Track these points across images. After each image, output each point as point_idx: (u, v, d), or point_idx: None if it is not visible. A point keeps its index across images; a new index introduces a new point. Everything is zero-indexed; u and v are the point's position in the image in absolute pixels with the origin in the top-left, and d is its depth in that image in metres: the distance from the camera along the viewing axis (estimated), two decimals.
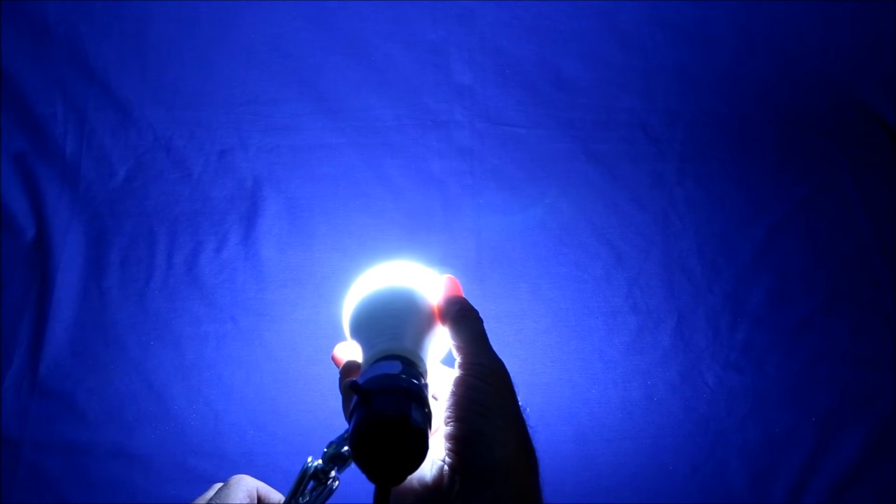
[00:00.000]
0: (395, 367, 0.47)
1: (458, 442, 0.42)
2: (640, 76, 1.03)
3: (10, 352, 0.84)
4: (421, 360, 0.52)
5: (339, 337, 0.85)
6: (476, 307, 0.91)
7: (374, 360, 0.49)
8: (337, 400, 0.51)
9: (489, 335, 0.53)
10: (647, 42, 1.04)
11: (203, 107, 0.99)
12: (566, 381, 0.85)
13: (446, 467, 0.42)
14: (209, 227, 0.93)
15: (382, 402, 0.44)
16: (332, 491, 0.51)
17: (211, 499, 0.50)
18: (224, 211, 0.94)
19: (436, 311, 0.56)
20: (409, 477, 0.43)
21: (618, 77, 1.03)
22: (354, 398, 0.45)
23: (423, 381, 0.48)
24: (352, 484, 0.76)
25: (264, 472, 0.55)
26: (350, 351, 0.55)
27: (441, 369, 0.53)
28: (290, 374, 0.84)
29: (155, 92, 0.99)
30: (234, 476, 0.51)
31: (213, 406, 0.82)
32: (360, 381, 0.46)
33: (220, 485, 0.53)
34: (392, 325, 0.54)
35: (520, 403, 0.46)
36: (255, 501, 0.49)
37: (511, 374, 0.88)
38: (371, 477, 0.43)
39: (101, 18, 1.00)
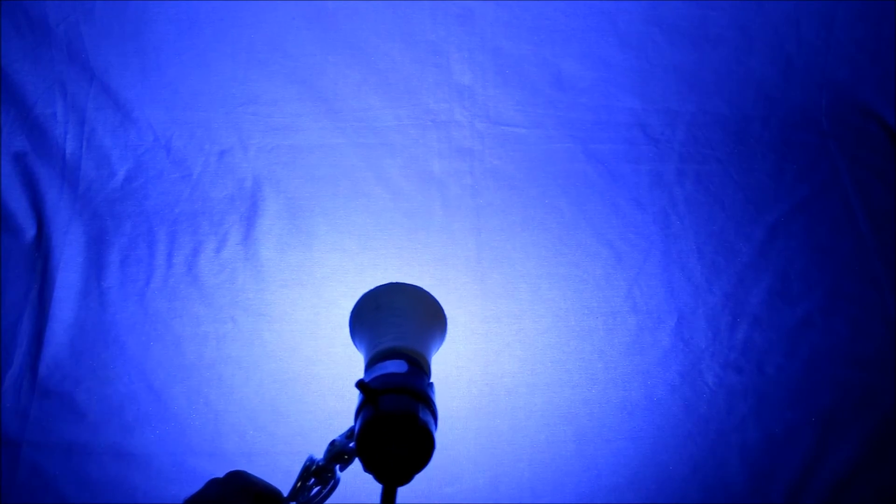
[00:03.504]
0: (402, 367, 0.47)
1: None
2: (639, 76, 1.03)
3: (10, 352, 0.84)
4: (425, 358, 0.51)
5: (338, 338, 0.85)
6: (476, 307, 0.91)
7: (379, 357, 0.49)
8: (336, 400, 0.51)
9: (489, 335, 0.52)
10: (647, 42, 1.03)
11: (203, 107, 0.99)
12: (566, 381, 0.85)
13: None
14: (209, 227, 0.93)
15: (390, 402, 0.43)
16: (333, 488, 0.51)
17: (206, 494, 0.49)
18: (224, 211, 0.94)
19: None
20: None
21: (617, 77, 1.03)
22: (360, 396, 0.44)
23: (428, 381, 0.48)
24: (353, 484, 0.76)
25: (264, 473, 0.54)
26: None
27: None
28: (290, 374, 0.84)
29: (155, 92, 0.99)
30: (230, 471, 0.51)
31: (213, 406, 0.82)
32: (367, 379, 0.46)
33: (217, 479, 0.52)
34: (396, 324, 0.53)
35: None
36: (251, 499, 0.48)
37: (511, 375, 0.89)
38: (378, 477, 0.43)
39: (101, 18, 1.00)
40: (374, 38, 1.02)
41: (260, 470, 0.53)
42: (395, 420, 0.42)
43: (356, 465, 0.47)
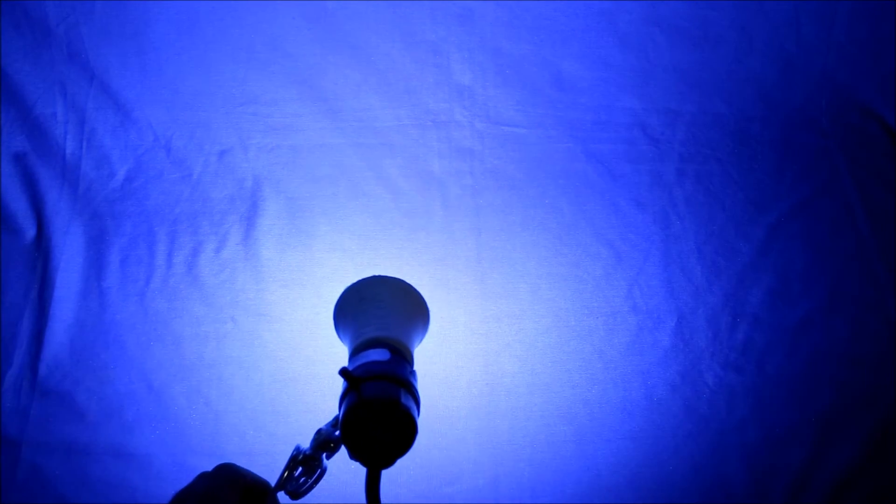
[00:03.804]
0: (384, 355, 0.48)
1: None
2: (639, 76, 1.03)
3: (10, 352, 0.84)
4: (407, 348, 0.52)
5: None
6: (476, 307, 0.92)
7: (363, 346, 0.50)
8: (336, 400, 0.51)
9: (489, 335, 0.53)
10: (647, 42, 1.03)
11: (203, 107, 0.99)
12: (566, 381, 0.85)
13: None
14: (209, 227, 0.93)
15: (373, 389, 0.44)
16: (320, 477, 0.52)
17: (195, 488, 0.49)
18: (224, 211, 0.94)
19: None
20: None
21: (617, 77, 1.03)
22: (344, 384, 0.45)
23: (411, 369, 0.49)
24: (353, 484, 0.76)
25: (264, 473, 0.54)
26: None
27: None
28: (290, 374, 0.84)
29: (155, 92, 0.99)
30: (220, 464, 0.51)
31: (213, 406, 0.82)
32: (350, 367, 0.47)
33: (206, 473, 0.52)
34: (379, 315, 0.54)
35: None
36: (240, 490, 0.48)
37: (511, 375, 0.89)
38: (362, 461, 0.44)
39: (101, 18, 1.00)
40: (374, 38, 1.02)
41: (260, 470, 0.53)
42: (377, 405, 0.44)
43: (344, 457, 0.48)
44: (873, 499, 0.79)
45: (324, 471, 0.51)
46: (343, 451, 0.48)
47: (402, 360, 0.49)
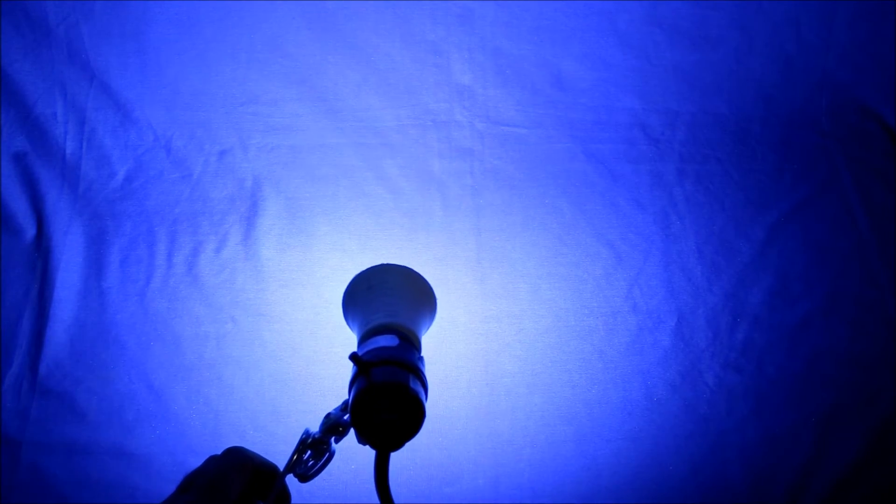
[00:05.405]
0: (393, 341, 0.49)
1: None
2: (639, 76, 1.03)
3: (10, 352, 0.84)
4: (415, 334, 0.53)
5: (338, 338, 0.86)
6: (476, 307, 0.92)
7: (372, 332, 0.51)
8: (336, 400, 0.51)
9: (489, 335, 0.53)
10: (647, 42, 1.04)
11: (203, 107, 0.99)
12: (566, 381, 0.85)
13: None
14: (209, 227, 0.93)
15: (382, 373, 0.45)
16: (328, 461, 0.52)
17: (205, 469, 0.49)
18: (224, 211, 0.94)
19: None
20: None
21: (617, 77, 1.03)
22: (354, 368, 0.46)
23: (419, 354, 0.50)
24: (353, 484, 0.76)
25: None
26: None
27: None
28: (290, 375, 0.84)
29: (155, 92, 0.99)
30: (229, 447, 0.51)
31: (213, 406, 0.82)
32: (360, 353, 0.48)
33: (215, 456, 0.52)
34: (388, 302, 0.55)
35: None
36: (249, 472, 0.49)
37: (511, 375, 0.89)
38: (371, 444, 0.45)
39: (101, 18, 1.00)
40: (374, 38, 1.02)
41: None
42: (386, 390, 0.45)
43: (346, 459, 0.48)
44: (873, 499, 0.79)
45: (332, 455, 0.52)
46: (351, 438, 0.49)
47: (410, 346, 0.50)
